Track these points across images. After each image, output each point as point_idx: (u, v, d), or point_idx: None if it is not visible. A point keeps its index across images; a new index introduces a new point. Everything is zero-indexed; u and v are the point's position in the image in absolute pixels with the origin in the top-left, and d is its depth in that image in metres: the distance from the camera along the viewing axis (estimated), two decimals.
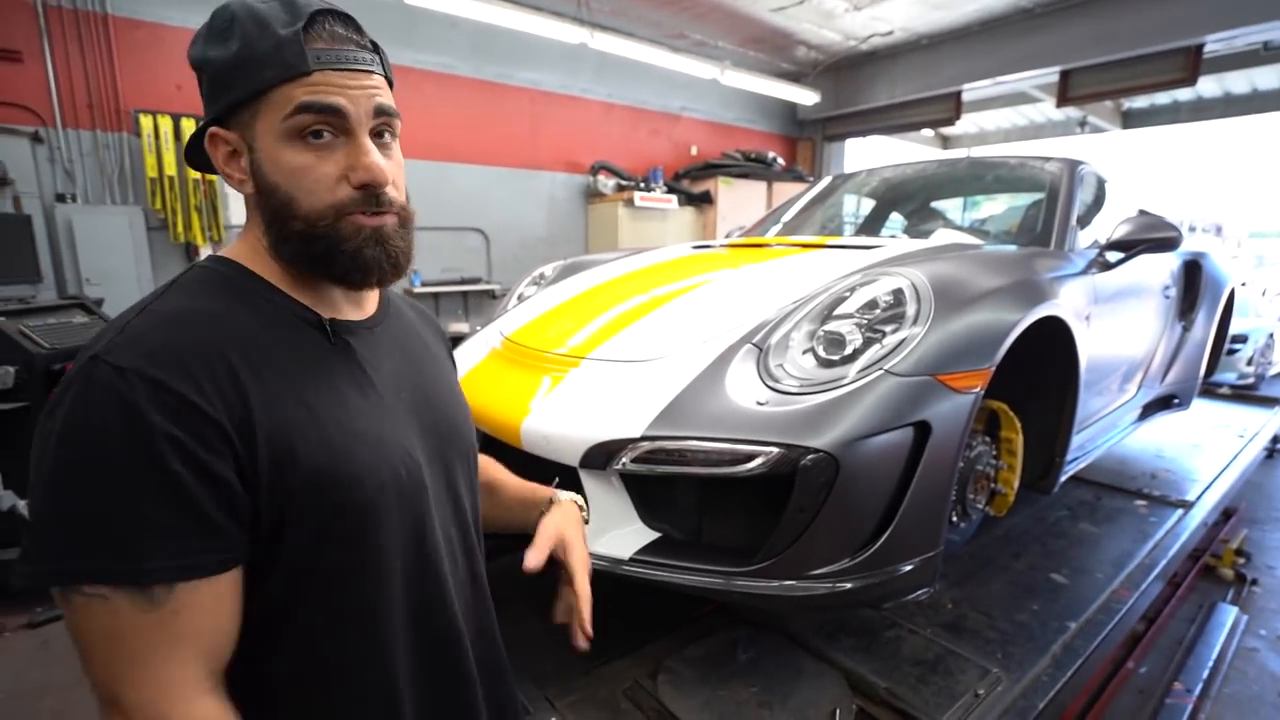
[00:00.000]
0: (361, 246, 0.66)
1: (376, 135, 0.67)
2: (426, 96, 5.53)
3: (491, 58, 5.85)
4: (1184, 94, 8.14)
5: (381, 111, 0.66)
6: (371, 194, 0.65)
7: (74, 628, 0.55)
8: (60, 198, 4.10)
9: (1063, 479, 1.94)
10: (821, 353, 1.33)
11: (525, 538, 0.91)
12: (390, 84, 0.70)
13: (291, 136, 0.62)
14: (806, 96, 7.39)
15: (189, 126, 4.41)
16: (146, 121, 4.28)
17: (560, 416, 1.42)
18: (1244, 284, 8.38)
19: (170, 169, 4.40)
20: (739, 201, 6.86)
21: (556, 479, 1.05)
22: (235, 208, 4.67)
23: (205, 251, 4.61)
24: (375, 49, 0.68)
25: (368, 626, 0.67)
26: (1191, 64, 5.43)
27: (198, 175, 4.47)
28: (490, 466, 1.00)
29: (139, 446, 0.53)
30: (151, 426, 0.54)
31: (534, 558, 0.86)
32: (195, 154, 0.70)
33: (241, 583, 0.60)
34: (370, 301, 0.77)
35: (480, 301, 6.10)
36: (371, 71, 0.66)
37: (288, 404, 0.62)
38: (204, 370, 0.57)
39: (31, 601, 2.52)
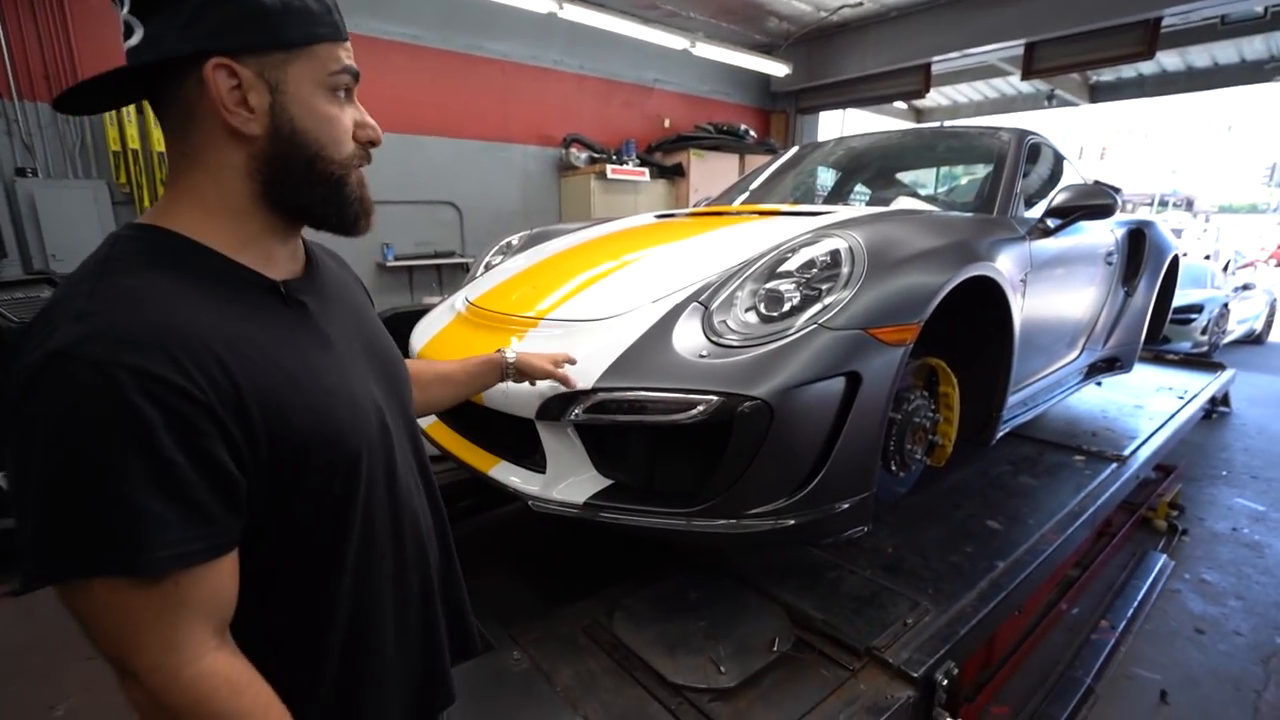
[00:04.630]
0: (362, 195, 0.74)
1: None
2: (394, 68, 5.45)
3: (460, 28, 5.78)
4: (1148, 67, 8.29)
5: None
6: (369, 149, 0.74)
7: (76, 610, 0.55)
8: (20, 172, 4.02)
9: (1001, 433, 2.06)
10: (763, 309, 1.42)
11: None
12: None
13: (330, 90, 0.68)
14: (778, 68, 7.39)
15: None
16: None
17: None
18: (1208, 256, 8.65)
19: (134, 142, 4.32)
20: (711, 174, 6.89)
21: (499, 350, 1.32)
22: None
23: None
24: None
25: (360, 568, 0.72)
26: (1150, 37, 5.54)
27: (163, 148, 4.40)
28: (430, 364, 1.20)
29: (131, 439, 0.52)
30: (142, 418, 0.53)
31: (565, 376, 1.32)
32: (127, 83, 0.65)
33: (237, 555, 0.61)
34: (300, 252, 0.77)
35: (454, 275, 6.09)
36: None
37: (269, 372, 0.62)
38: (183, 351, 0.56)
39: (16, 570, 2.54)
